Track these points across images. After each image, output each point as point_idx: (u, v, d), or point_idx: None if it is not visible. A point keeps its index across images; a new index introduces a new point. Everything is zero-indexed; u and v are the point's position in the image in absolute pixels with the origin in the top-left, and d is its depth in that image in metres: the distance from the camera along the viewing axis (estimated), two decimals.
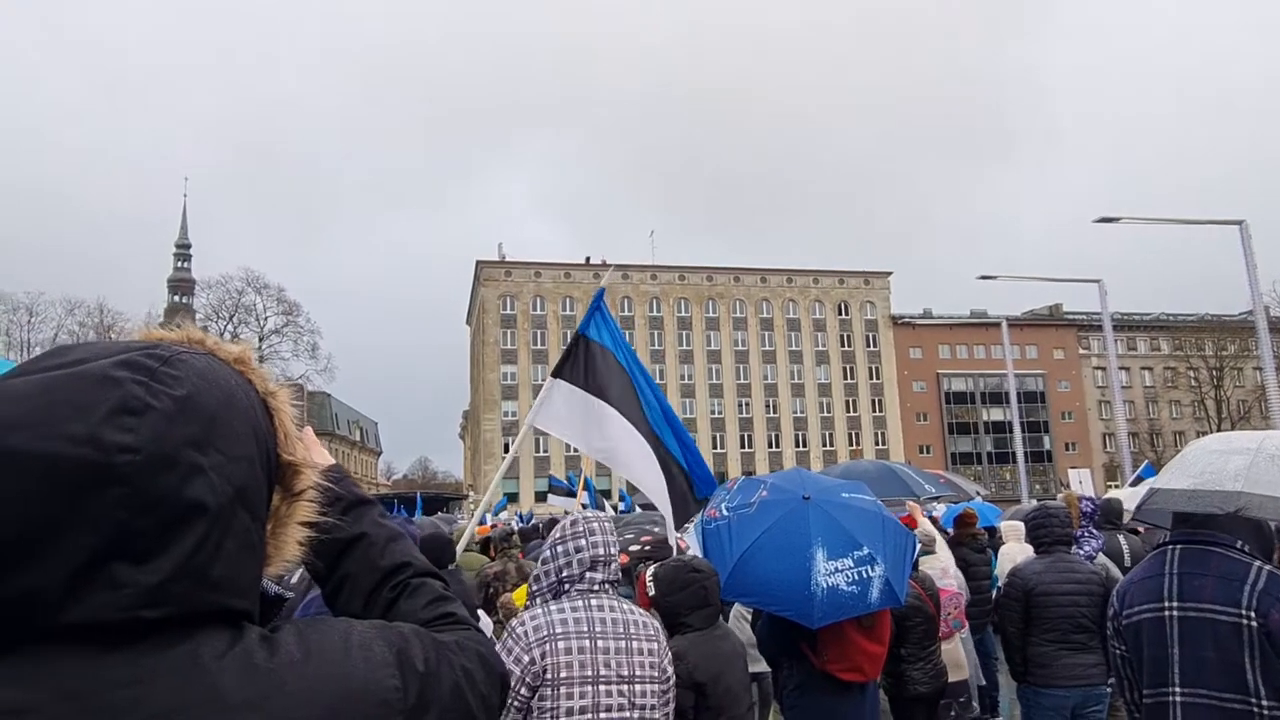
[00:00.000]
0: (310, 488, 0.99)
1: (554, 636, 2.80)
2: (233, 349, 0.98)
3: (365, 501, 1.26)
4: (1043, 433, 73.94)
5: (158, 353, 0.84)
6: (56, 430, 0.74)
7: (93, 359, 0.81)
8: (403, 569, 1.20)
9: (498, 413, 67.77)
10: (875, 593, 3.73)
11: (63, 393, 0.77)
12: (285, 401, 0.99)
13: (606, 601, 2.94)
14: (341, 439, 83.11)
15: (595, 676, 2.81)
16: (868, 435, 72.73)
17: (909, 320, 70.74)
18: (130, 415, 0.76)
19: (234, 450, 0.84)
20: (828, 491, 4.15)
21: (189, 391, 0.82)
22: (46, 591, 0.73)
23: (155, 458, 0.76)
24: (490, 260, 71.50)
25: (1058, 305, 77.24)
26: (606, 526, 3.09)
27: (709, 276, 73.75)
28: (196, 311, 72.20)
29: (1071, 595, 5.10)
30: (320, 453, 1.31)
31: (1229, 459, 2.82)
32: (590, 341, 5.38)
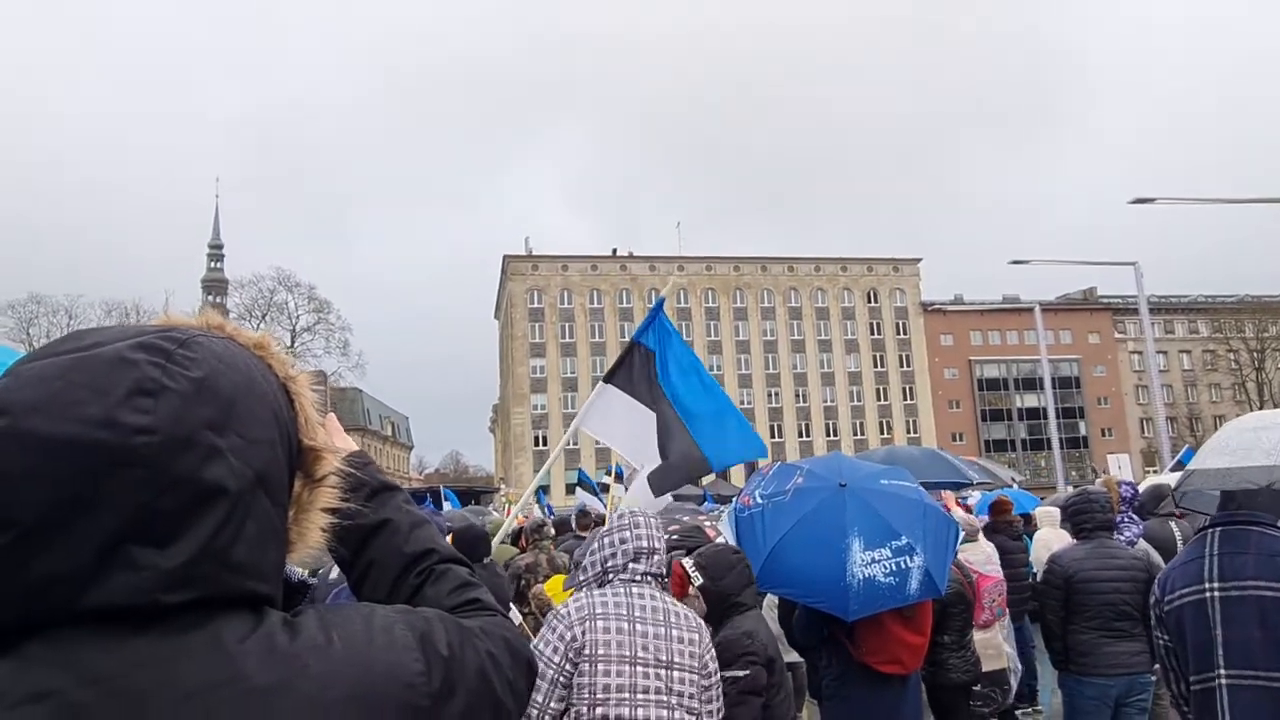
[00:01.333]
0: (332, 473, 0.98)
1: (594, 616, 2.94)
2: (252, 335, 0.97)
3: (389, 488, 1.25)
4: (1078, 419, 72.88)
5: (174, 335, 0.84)
6: (74, 413, 0.74)
7: (109, 342, 0.81)
8: (428, 555, 1.18)
9: (527, 406, 68.03)
10: (914, 584, 3.64)
11: (80, 375, 0.77)
12: (305, 386, 0.98)
13: (649, 591, 3.06)
14: (374, 434, 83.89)
15: (633, 657, 2.91)
16: (899, 423, 72.08)
17: (939, 307, 69.91)
18: (147, 397, 0.76)
19: (254, 433, 0.84)
20: (865, 478, 4.05)
21: (206, 374, 0.81)
22: (67, 575, 0.73)
23: (173, 439, 0.76)
24: (517, 255, 71.68)
25: (1092, 289, 75.97)
26: (652, 522, 3.20)
27: (736, 267, 73.39)
28: (230, 311, 73.27)
29: (1114, 582, 4.97)
30: (343, 439, 1.30)
31: (1262, 435, 2.79)
32: (643, 348, 5.41)
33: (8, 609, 0.74)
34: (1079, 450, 71.29)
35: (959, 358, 73.92)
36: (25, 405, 0.74)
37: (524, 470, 65.15)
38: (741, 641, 3.47)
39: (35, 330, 57.47)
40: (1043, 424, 57.77)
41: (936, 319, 72.09)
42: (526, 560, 7.35)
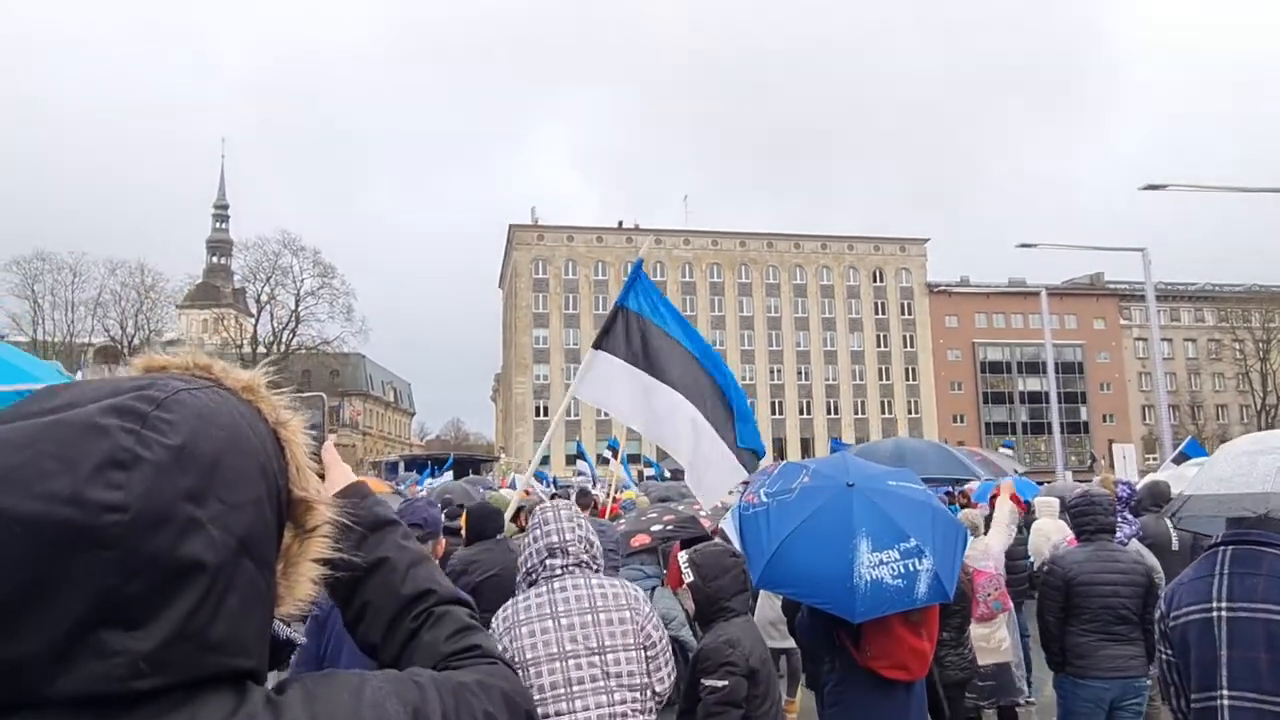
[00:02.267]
0: (325, 523, 0.93)
1: (518, 623, 3.00)
2: (241, 376, 0.91)
3: (387, 523, 1.19)
4: (1080, 404, 72.84)
5: (151, 394, 0.77)
6: (39, 488, 0.68)
7: (82, 403, 0.75)
8: (425, 597, 1.14)
9: (529, 376, 68.07)
10: (923, 587, 3.57)
11: (48, 444, 0.71)
12: (298, 431, 0.92)
13: (570, 582, 3.09)
14: (375, 399, 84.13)
15: (561, 653, 2.95)
16: (900, 404, 72.11)
17: (945, 288, 69.61)
18: (119, 469, 0.70)
19: (237, 495, 0.78)
20: (873, 479, 3.98)
21: (184, 438, 0.75)
22: (33, 661, 0.68)
23: (146, 515, 0.70)
24: (523, 224, 71.37)
25: (1099, 274, 75.60)
26: (562, 514, 3.25)
27: (742, 242, 73.04)
28: (235, 273, 73.18)
29: (1114, 585, 4.98)
30: (340, 468, 1.24)
31: (1258, 459, 2.75)
32: (630, 312, 5.35)
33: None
34: (1079, 435, 71.35)
35: (963, 340, 73.74)
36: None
37: (524, 440, 65.31)
38: (723, 650, 3.42)
39: (40, 287, 57.54)
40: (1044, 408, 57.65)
41: (941, 300, 71.78)
42: (521, 540, 7.28)
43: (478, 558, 5.10)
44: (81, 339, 58.67)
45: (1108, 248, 33.11)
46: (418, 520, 3.66)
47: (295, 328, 60.78)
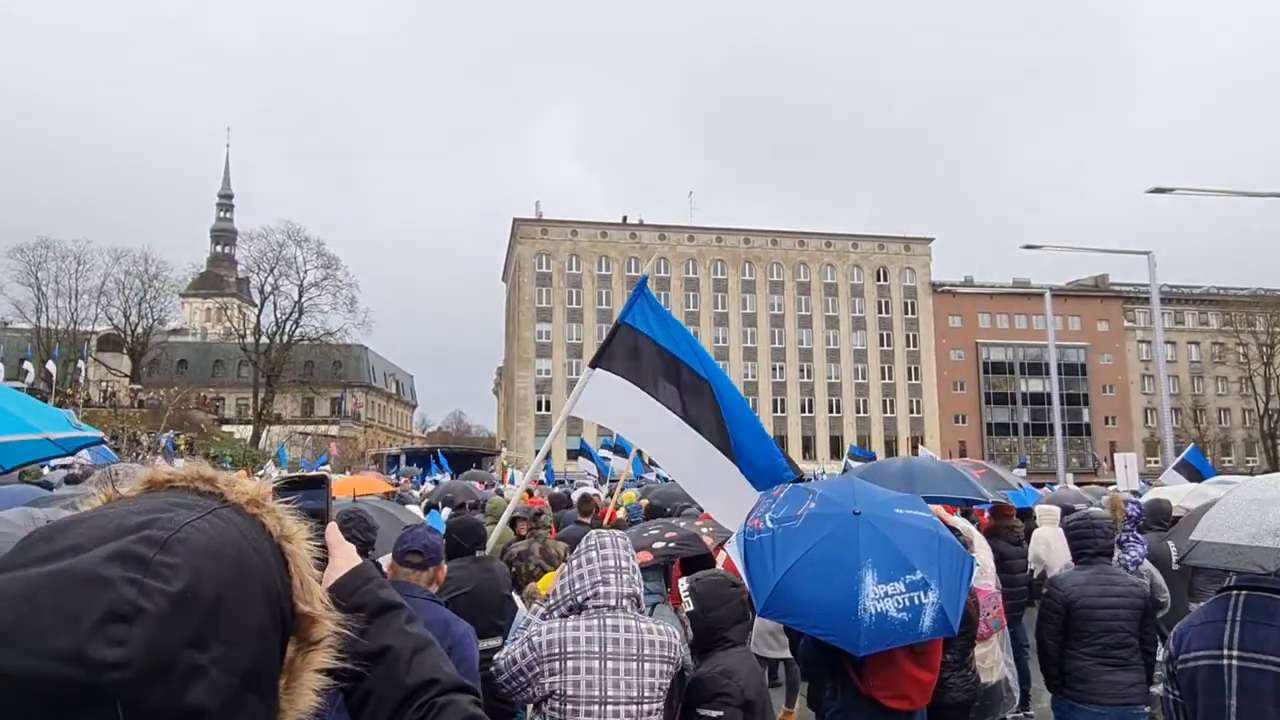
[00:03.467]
0: (328, 636, 0.93)
1: (565, 655, 2.96)
2: (247, 489, 0.91)
3: (391, 607, 1.19)
4: (1082, 405, 72.74)
5: (153, 535, 0.76)
6: (39, 645, 0.67)
7: (85, 548, 0.74)
8: (429, 686, 1.15)
9: (531, 370, 68.06)
10: (928, 621, 3.53)
11: (49, 597, 0.70)
12: (302, 543, 0.93)
13: (623, 621, 3.06)
14: (378, 391, 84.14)
15: (603, 697, 2.94)
16: (902, 403, 72.04)
17: (949, 288, 69.49)
18: (121, 623, 0.69)
19: (240, 629, 0.78)
20: (880, 506, 3.93)
21: (187, 583, 0.74)
22: None
23: (148, 670, 0.69)
24: (527, 218, 71.27)
25: (1104, 276, 75.43)
26: (620, 543, 3.21)
27: (746, 239, 72.91)
28: (239, 263, 73.14)
29: (1113, 609, 4.97)
30: (344, 551, 1.24)
31: (1268, 510, 2.71)
32: (632, 329, 5.27)
33: None
34: (1081, 437, 71.29)
35: (966, 340, 73.62)
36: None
37: (525, 434, 65.32)
38: (719, 680, 3.37)
39: (43, 274, 57.49)
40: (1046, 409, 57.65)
41: (945, 300, 71.70)
42: (519, 548, 7.22)
43: (453, 574, 5.04)
44: (85, 327, 58.71)
45: (1113, 250, 32.99)
46: (418, 547, 3.62)
47: (298, 318, 60.89)
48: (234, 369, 69.44)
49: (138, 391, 54.05)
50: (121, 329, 60.93)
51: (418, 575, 3.61)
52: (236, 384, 69.14)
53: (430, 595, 3.61)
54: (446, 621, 3.49)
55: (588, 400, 5.25)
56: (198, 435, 45.33)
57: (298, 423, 66.17)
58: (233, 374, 70.27)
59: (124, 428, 40.39)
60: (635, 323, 5.27)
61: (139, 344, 61.46)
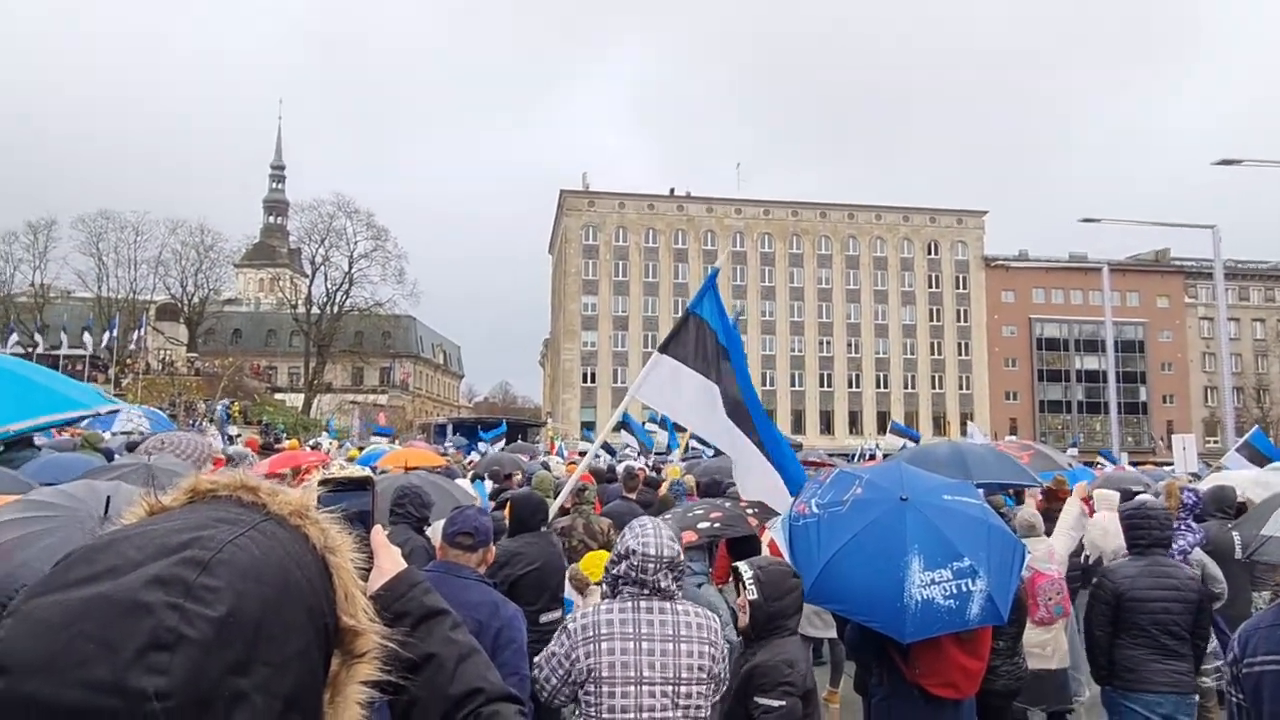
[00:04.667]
0: (372, 649, 0.91)
1: (599, 637, 3.00)
2: (290, 499, 0.89)
3: (436, 614, 1.18)
4: (1139, 384, 70.89)
5: (195, 556, 0.74)
6: (80, 675, 0.65)
7: (124, 570, 0.72)
8: (474, 696, 1.13)
9: (577, 343, 68.30)
10: (975, 608, 3.48)
11: (88, 625, 0.67)
12: (346, 556, 0.90)
13: (657, 604, 3.10)
14: (426, 362, 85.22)
15: (638, 677, 2.99)
16: (952, 379, 70.93)
17: (1002, 262, 67.93)
18: (162, 651, 0.67)
19: (284, 652, 0.76)
20: (928, 493, 3.87)
21: (229, 607, 0.72)
22: None
23: (191, 699, 0.67)
24: (574, 190, 71.18)
25: (1165, 250, 73.13)
26: (662, 530, 3.21)
27: (794, 211, 72.00)
28: (290, 234, 74.31)
29: (1164, 602, 4.88)
30: (389, 554, 1.22)
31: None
32: (700, 320, 5.38)
33: None
34: (1137, 416, 69.59)
35: (1019, 315, 72.06)
36: (27, 664, 0.66)
37: (571, 406, 65.72)
38: (782, 670, 3.37)
39: (104, 245, 59.03)
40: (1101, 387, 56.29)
41: (998, 274, 70.13)
42: (563, 523, 7.21)
43: (521, 550, 5.09)
44: (144, 296, 60.23)
45: (1176, 224, 31.99)
46: (469, 529, 3.64)
47: (348, 289, 61.75)
48: (286, 338, 70.76)
49: (194, 360, 55.42)
50: (178, 298, 62.44)
51: (468, 556, 3.64)
52: (289, 353, 70.47)
53: (479, 576, 3.64)
54: (495, 603, 3.52)
55: (652, 385, 5.37)
56: (251, 403, 46.38)
57: (347, 391, 67.34)
58: (285, 343, 71.60)
59: (181, 395, 41.49)
60: (703, 313, 5.38)
61: (195, 313, 62.96)
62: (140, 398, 34.64)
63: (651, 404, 5.74)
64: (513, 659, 3.34)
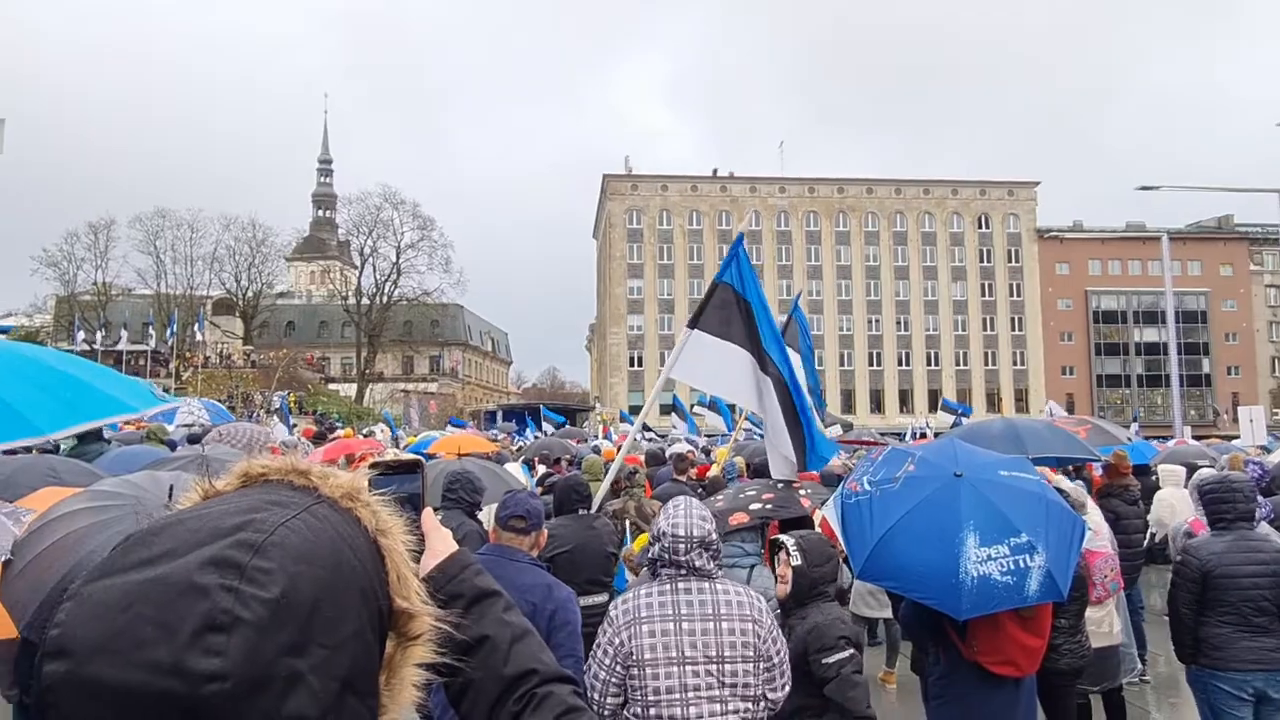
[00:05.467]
0: (426, 631, 0.92)
1: (639, 620, 3.01)
2: (341, 482, 0.89)
3: (489, 595, 1.17)
4: (1202, 355, 68.81)
5: (249, 538, 0.74)
6: (140, 656, 0.66)
7: (179, 553, 0.73)
8: (528, 677, 1.13)
9: (623, 327, 68.43)
10: (1034, 584, 3.41)
11: (146, 607, 0.68)
12: (399, 539, 0.90)
13: (695, 584, 3.10)
14: (474, 349, 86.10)
15: (680, 657, 2.98)
16: (1005, 355, 69.58)
17: (1056, 234, 66.24)
18: (218, 633, 0.68)
19: (339, 634, 0.77)
20: (983, 468, 3.80)
21: (284, 588, 0.72)
22: None
23: (248, 680, 0.68)
24: (617, 174, 71.09)
25: (1228, 217, 70.69)
26: (694, 510, 3.20)
27: (840, 188, 71.04)
28: (339, 226, 75.51)
29: (1254, 577, 4.71)
30: (440, 536, 1.22)
31: None
32: (727, 287, 5.32)
33: None
34: (1200, 389, 67.62)
35: (1074, 288, 70.32)
36: (88, 647, 0.67)
37: (619, 390, 65.93)
38: (837, 626, 3.46)
39: (161, 243, 60.59)
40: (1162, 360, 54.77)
41: (1052, 246, 68.45)
42: (615, 505, 7.26)
43: (555, 531, 5.13)
44: (200, 291, 61.78)
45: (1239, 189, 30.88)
46: (521, 512, 3.68)
47: (396, 279, 62.66)
48: (338, 329, 72.04)
49: (250, 353, 56.73)
50: (233, 293, 63.92)
51: (521, 540, 3.68)
52: (340, 344, 71.77)
53: (532, 559, 3.67)
54: (549, 586, 3.55)
55: (686, 362, 5.32)
56: (306, 394, 47.36)
57: (398, 380, 68.40)
58: (337, 334, 72.90)
59: (238, 387, 42.52)
60: (731, 280, 5.31)
61: (250, 307, 64.40)
62: (200, 390, 35.58)
63: (688, 381, 5.69)
64: (567, 641, 3.37)
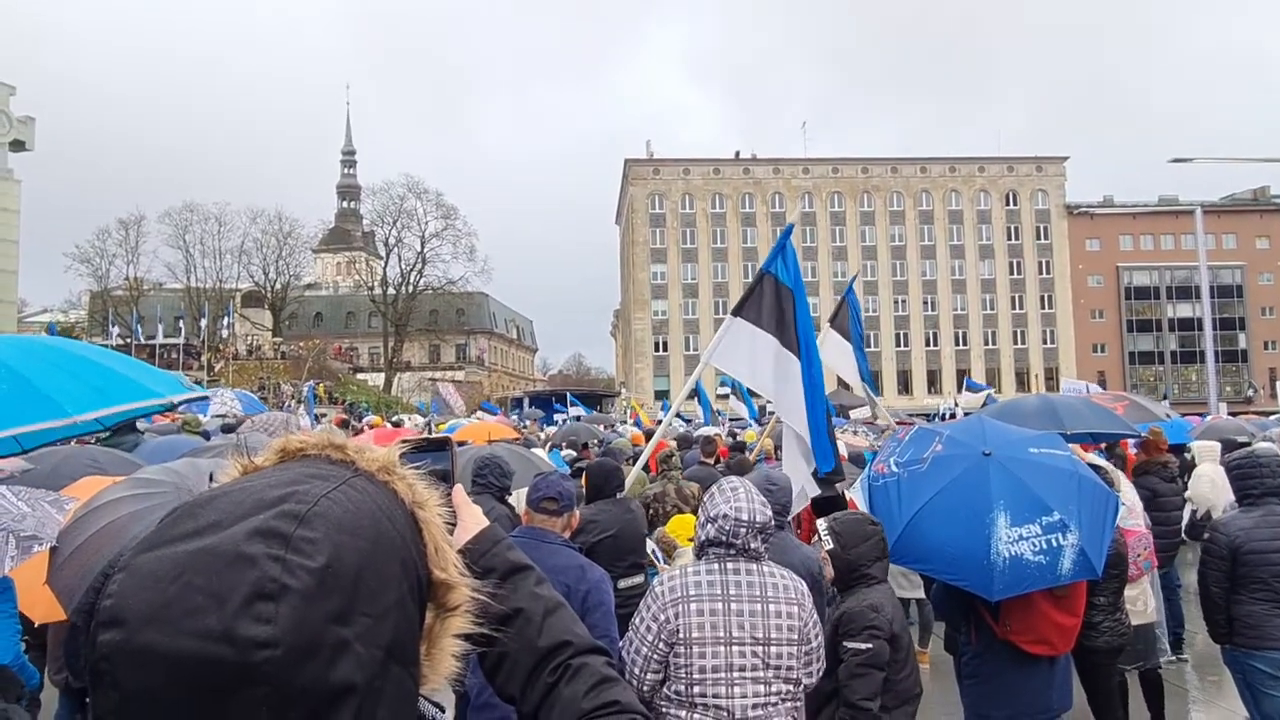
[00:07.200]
0: (464, 602, 0.93)
1: (687, 598, 2.99)
2: (377, 456, 0.91)
3: (521, 569, 1.19)
4: (1237, 330, 67.56)
5: (293, 509, 0.76)
6: (191, 625, 0.68)
7: (225, 524, 0.74)
8: (562, 649, 1.13)
9: (648, 312, 68.37)
10: (1067, 563, 3.40)
11: (196, 576, 0.70)
12: (435, 511, 0.92)
13: (744, 565, 3.07)
14: (499, 337, 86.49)
15: (728, 638, 2.96)
16: (1034, 333, 68.74)
17: (1086, 209, 65.17)
18: (267, 601, 0.69)
19: (381, 603, 0.78)
20: (1012, 446, 3.77)
21: (329, 558, 0.74)
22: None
23: (297, 648, 0.69)
24: (639, 159, 70.87)
25: (1263, 188, 69.13)
26: (752, 494, 3.16)
27: (864, 168, 70.32)
28: (364, 217, 76.02)
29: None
30: (471, 512, 1.23)
31: None
32: (774, 279, 5.30)
33: None
34: (1236, 365, 66.44)
35: (1106, 264, 69.20)
36: (141, 615, 0.69)
37: (644, 375, 65.97)
38: (866, 614, 3.42)
39: (190, 237, 61.35)
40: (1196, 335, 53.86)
41: (1082, 222, 67.42)
42: (654, 490, 7.33)
43: (596, 517, 5.15)
44: (229, 285, 62.50)
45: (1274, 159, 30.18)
46: (553, 494, 3.70)
47: (421, 269, 62.99)
48: (365, 320, 72.63)
49: (279, 344, 57.37)
50: (262, 285, 64.58)
51: (553, 521, 3.69)
52: (368, 334, 72.36)
53: (565, 541, 3.70)
54: (582, 567, 3.57)
55: (726, 350, 5.32)
56: (335, 384, 47.87)
57: (426, 369, 68.90)
58: (364, 324, 73.50)
59: (269, 378, 43.06)
60: (777, 272, 5.30)
61: (278, 299, 65.04)
62: (231, 382, 36.09)
63: (726, 369, 5.68)
64: (601, 621, 3.39)
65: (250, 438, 4.77)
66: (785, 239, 5.39)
